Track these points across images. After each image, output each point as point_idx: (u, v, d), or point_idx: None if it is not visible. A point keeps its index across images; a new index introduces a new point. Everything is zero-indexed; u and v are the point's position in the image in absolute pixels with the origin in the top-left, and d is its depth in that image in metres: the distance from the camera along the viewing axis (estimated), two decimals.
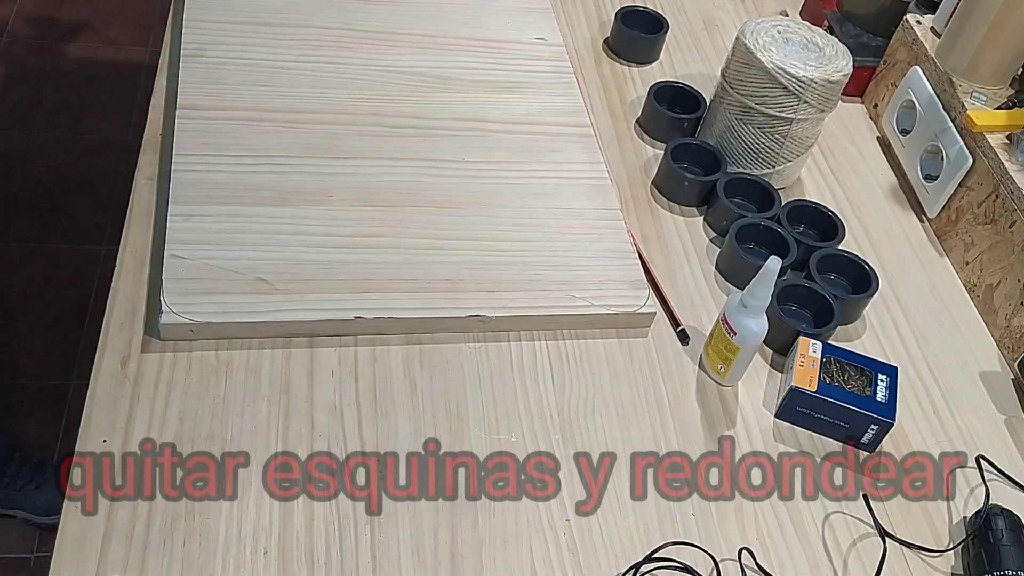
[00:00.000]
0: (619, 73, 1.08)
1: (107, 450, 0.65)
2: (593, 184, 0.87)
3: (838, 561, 0.68)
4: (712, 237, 0.91)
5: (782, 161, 0.93)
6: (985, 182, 0.89)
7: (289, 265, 0.74)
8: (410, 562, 0.63)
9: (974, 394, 0.82)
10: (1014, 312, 0.84)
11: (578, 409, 0.73)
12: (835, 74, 0.87)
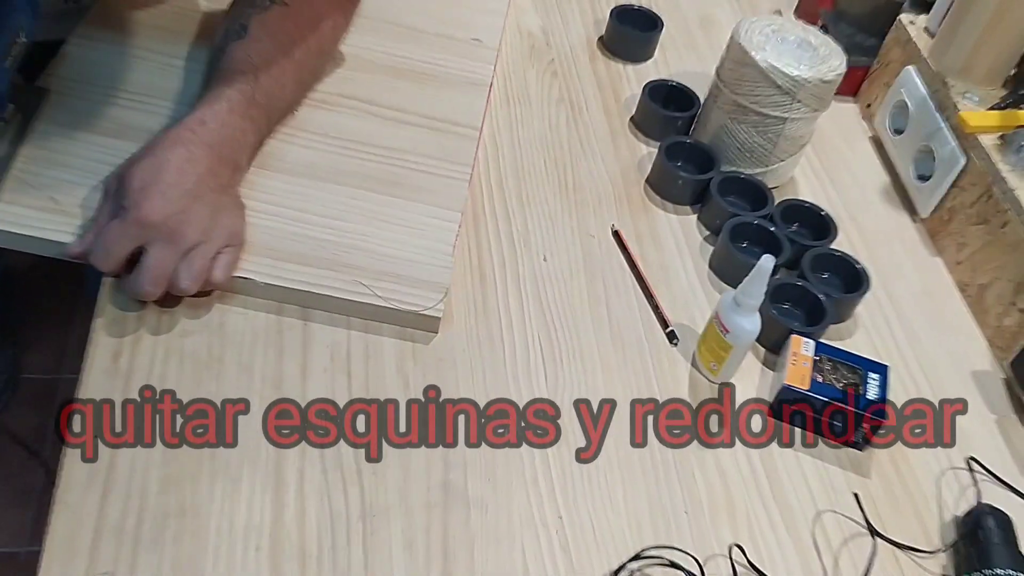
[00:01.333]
0: (613, 71, 1.08)
1: (107, 396, 0.65)
2: (446, 183, 0.85)
3: (828, 560, 0.68)
4: (705, 236, 0.91)
5: (776, 160, 0.93)
6: (978, 182, 0.89)
7: (86, 191, 0.74)
8: (402, 559, 0.63)
9: (965, 394, 0.82)
10: (1006, 312, 0.85)
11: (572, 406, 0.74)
12: (829, 74, 0.87)
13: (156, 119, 0.82)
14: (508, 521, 0.66)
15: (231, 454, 0.65)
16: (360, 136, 0.87)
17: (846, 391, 0.74)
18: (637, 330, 0.80)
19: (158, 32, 0.91)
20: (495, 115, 0.98)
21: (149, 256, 0.68)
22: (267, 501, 0.63)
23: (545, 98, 1.02)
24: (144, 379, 0.67)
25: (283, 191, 0.80)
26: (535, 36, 1.10)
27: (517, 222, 0.87)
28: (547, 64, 1.06)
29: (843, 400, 0.74)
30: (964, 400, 0.76)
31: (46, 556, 0.58)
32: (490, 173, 0.91)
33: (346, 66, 0.94)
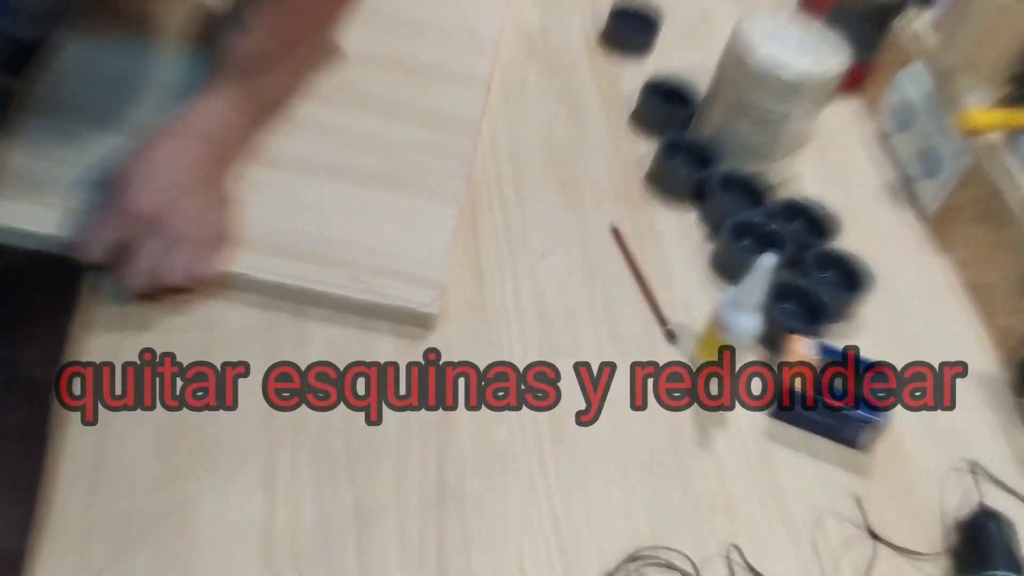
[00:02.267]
0: (613, 67, 1.07)
1: (107, 359, 0.65)
2: (444, 179, 0.84)
3: (828, 561, 0.68)
4: (705, 233, 0.90)
5: (777, 157, 0.93)
6: (981, 181, 0.88)
7: (78, 184, 0.73)
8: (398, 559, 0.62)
9: (967, 395, 0.82)
10: (1010, 313, 0.84)
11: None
12: (831, 70, 0.87)
13: (149, 112, 0.81)
14: (504, 521, 0.65)
15: (224, 453, 0.64)
16: (357, 131, 0.86)
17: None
18: (635, 328, 0.80)
19: (152, 25, 0.91)
20: (494, 110, 0.97)
21: (137, 248, 0.67)
22: (259, 500, 0.63)
23: (544, 94, 1.01)
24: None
25: (279, 186, 0.79)
26: (534, 32, 1.09)
27: (515, 219, 0.86)
28: (546, 60, 1.05)
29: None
30: (964, 363, 0.75)
31: (37, 553, 0.58)
32: (488, 169, 0.90)
33: (344, 60, 0.93)
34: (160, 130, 0.72)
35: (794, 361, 0.75)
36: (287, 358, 0.70)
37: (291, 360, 0.69)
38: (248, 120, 0.78)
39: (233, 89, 0.76)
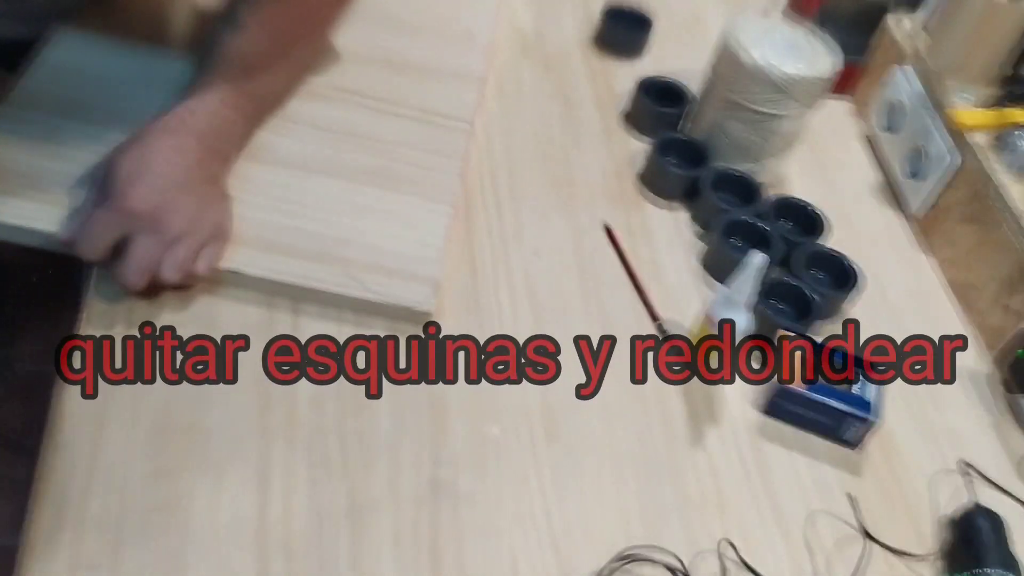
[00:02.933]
0: (606, 67, 1.07)
1: (107, 333, 0.65)
2: (438, 177, 0.84)
3: (820, 558, 0.68)
4: (697, 232, 0.90)
5: (768, 157, 0.93)
6: (969, 181, 0.89)
7: (71, 180, 0.73)
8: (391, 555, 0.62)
9: (959, 393, 0.82)
10: (996, 311, 0.84)
11: (562, 403, 0.73)
12: (822, 71, 0.87)
13: (145, 109, 0.81)
14: (497, 517, 0.65)
15: (217, 448, 0.64)
16: (352, 128, 0.87)
17: (840, 391, 0.74)
18: (628, 326, 0.80)
19: (148, 22, 0.91)
20: (488, 109, 0.97)
21: (134, 245, 0.67)
22: (253, 496, 0.63)
23: (538, 93, 1.01)
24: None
25: (274, 183, 0.79)
26: (527, 32, 1.10)
27: (509, 217, 0.86)
28: (540, 60, 1.06)
29: (837, 399, 0.73)
30: (964, 336, 0.75)
31: (30, 548, 0.57)
32: (482, 167, 0.91)
33: (339, 58, 0.93)
34: (156, 127, 0.72)
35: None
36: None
37: (290, 334, 0.70)
38: (244, 118, 0.78)
39: (228, 87, 0.76)
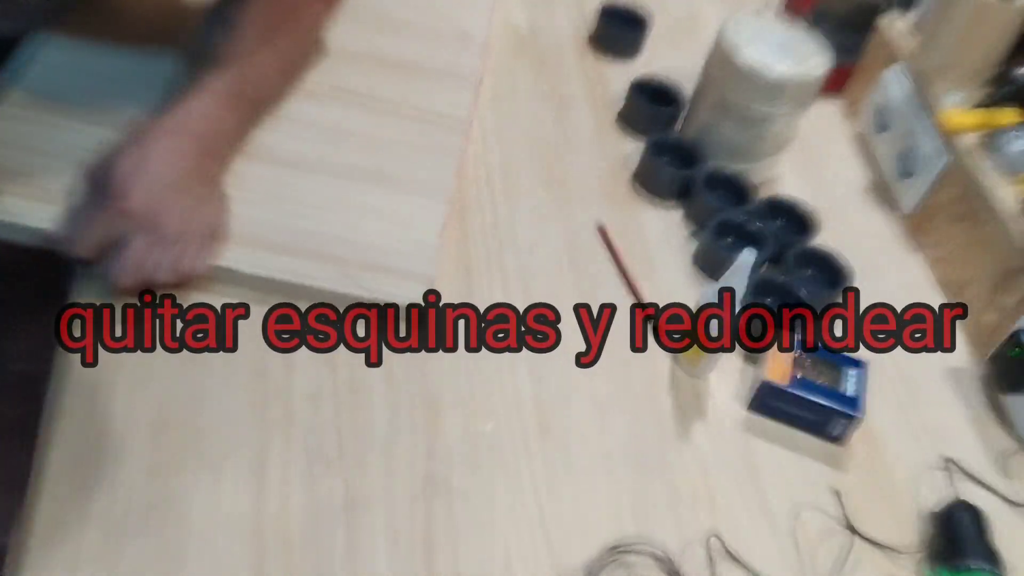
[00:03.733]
0: (600, 66, 1.08)
1: (107, 301, 0.66)
2: (433, 175, 0.85)
3: (806, 554, 0.69)
4: (690, 231, 0.91)
5: (760, 157, 0.94)
6: (959, 181, 0.90)
7: (64, 177, 0.74)
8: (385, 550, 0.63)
9: (942, 389, 0.83)
10: (984, 309, 0.86)
11: (555, 400, 0.74)
12: (813, 72, 0.88)
13: (135, 108, 0.82)
14: (490, 512, 0.67)
15: (214, 444, 0.65)
16: (347, 127, 0.88)
17: (825, 387, 0.75)
18: (621, 325, 0.81)
19: (140, 22, 0.91)
20: (483, 108, 0.98)
21: (128, 246, 0.68)
22: (251, 491, 0.64)
23: (532, 92, 1.02)
24: (125, 370, 0.68)
25: (269, 181, 0.80)
26: (522, 31, 1.10)
27: (503, 215, 0.88)
28: (534, 59, 1.07)
29: (822, 396, 0.75)
30: (964, 304, 0.76)
31: (28, 543, 0.59)
32: (477, 166, 0.92)
33: (334, 57, 0.94)
34: (151, 128, 0.72)
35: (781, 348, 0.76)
36: (275, 350, 0.71)
37: (290, 302, 0.71)
38: (238, 117, 0.78)
39: (222, 87, 0.76)
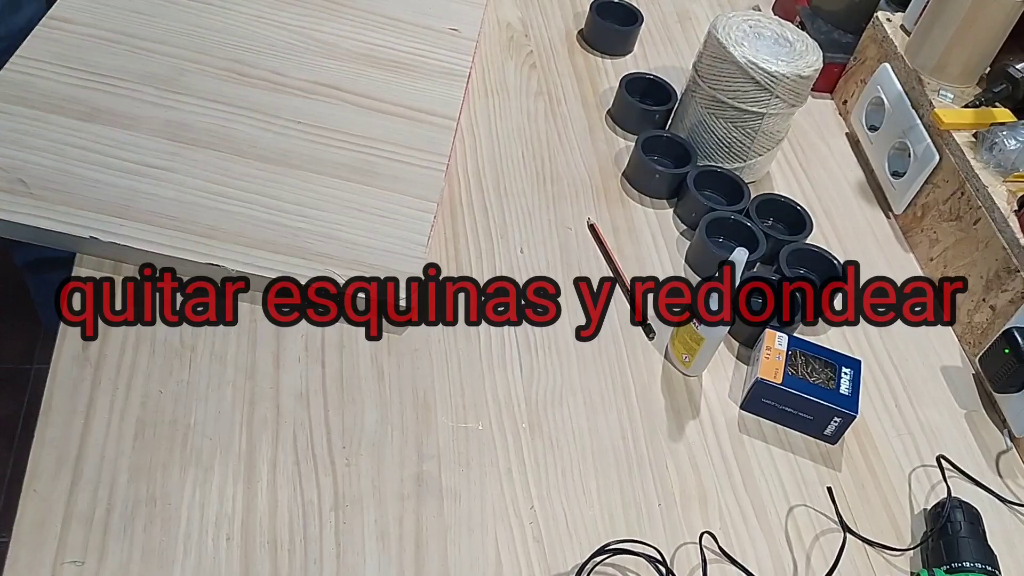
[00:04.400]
0: (592, 64, 1.08)
1: (107, 274, 0.67)
2: (422, 173, 0.85)
3: (800, 553, 0.69)
4: (682, 230, 0.91)
5: (752, 155, 0.94)
6: (951, 179, 0.90)
7: (57, 175, 0.74)
8: (375, 549, 0.63)
9: (935, 388, 0.83)
10: (976, 308, 0.85)
11: (546, 398, 0.74)
12: (806, 69, 0.88)
13: (127, 103, 0.81)
14: (481, 511, 0.66)
15: (203, 443, 0.65)
16: (336, 124, 0.87)
17: (818, 385, 0.75)
18: (613, 323, 0.81)
19: (131, 15, 0.91)
20: (473, 106, 0.98)
21: None
22: (239, 490, 0.63)
23: (523, 90, 1.02)
24: (115, 370, 0.67)
25: (257, 178, 0.80)
26: (514, 28, 1.10)
27: (494, 214, 0.87)
28: (526, 56, 1.06)
29: (815, 394, 0.74)
30: (964, 278, 0.76)
31: (15, 541, 0.58)
32: (467, 164, 0.91)
33: (323, 54, 0.94)
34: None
35: (772, 346, 0.76)
36: (268, 347, 0.71)
37: (290, 275, 0.70)
38: None
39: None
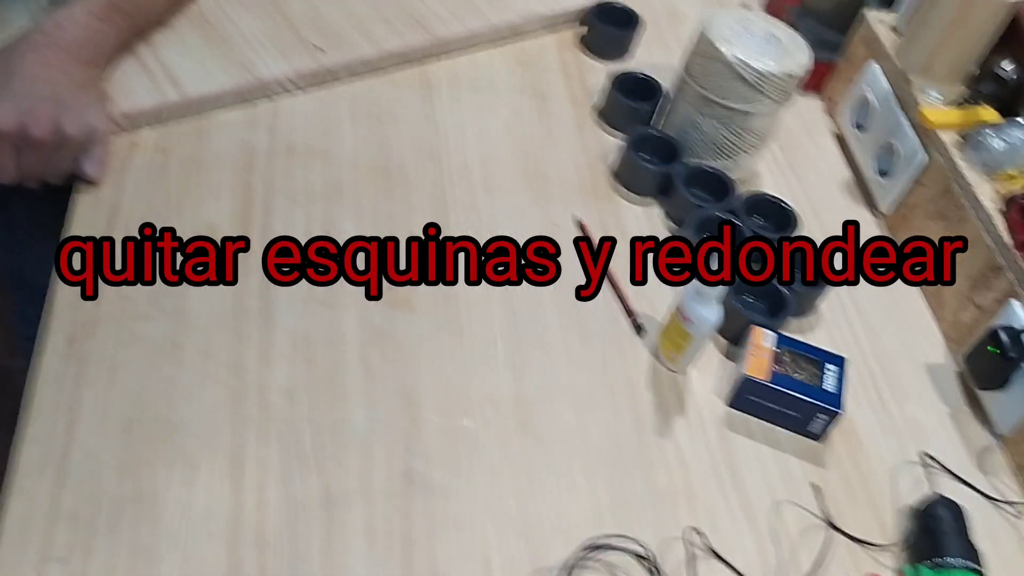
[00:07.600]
0: (580, 61, 1.08)
1: (106, 234, 0.67)
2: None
3: (786, 549, 0.69)
4: (670, 228, 0.91)
5: (740, 153, 0.94)
6: (937, 179, 0.90)
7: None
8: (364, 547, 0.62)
9: (920, 386, 0.84)
10: (961, 307, 0.86)
11: (535, 395, 0.74)
12: (794, 68, 0.88)
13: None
14: (469, 508, 0.66)
15: (190, 440, 0.64)
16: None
17: (804, 382, 0.75)
18: (602, 321, 0.81)
19: None
20: (463, 102, 0.97)
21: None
22: (226, 488, 0.63)
23: (512, 87, 1.02)
24: (98, 365, 0.67)
25: None
26: None
27: (483, 210, 0.87)
28: (515, 53, 1.06)
29: (801, 391, 0.75)
30: (964, 238, 0.77)
31: (3, 539, 0.58)
32: (456, 161, 0.91)
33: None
34: (20, 44, 0.74)
35: (759, 345, 0.76)
36: (255, 344, 0.70)
37: (290, 234, 0.72)
38: (114, 29, 0.80)
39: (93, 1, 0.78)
